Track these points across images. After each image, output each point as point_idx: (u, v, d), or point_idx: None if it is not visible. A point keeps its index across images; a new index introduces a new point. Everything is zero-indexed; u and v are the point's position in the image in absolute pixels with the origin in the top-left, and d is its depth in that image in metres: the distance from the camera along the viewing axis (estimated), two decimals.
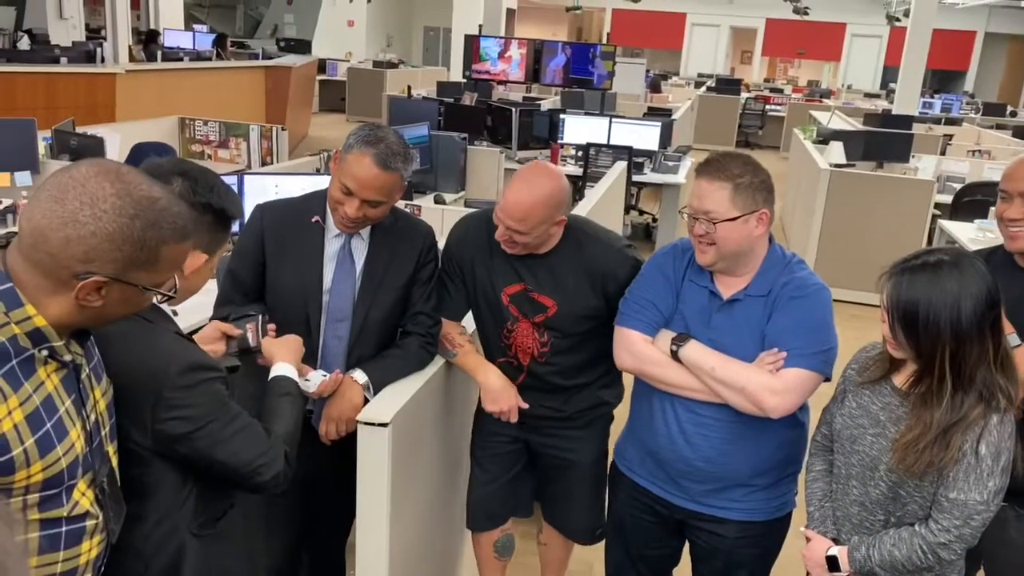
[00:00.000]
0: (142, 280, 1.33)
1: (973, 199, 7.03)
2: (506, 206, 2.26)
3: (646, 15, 27.46)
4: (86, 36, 11.56)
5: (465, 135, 6.43)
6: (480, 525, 2.74)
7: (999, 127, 14.60)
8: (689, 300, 2.20)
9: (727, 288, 2.17)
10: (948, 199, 7.40)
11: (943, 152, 9.91)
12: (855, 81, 27.13)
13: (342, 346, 2.34)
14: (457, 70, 14.62)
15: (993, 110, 18.06)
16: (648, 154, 8.05)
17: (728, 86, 18.66)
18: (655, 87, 16.67)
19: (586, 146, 7.60)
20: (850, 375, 2.08)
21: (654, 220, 9.14)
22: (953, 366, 1.80)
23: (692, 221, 2.14)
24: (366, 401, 2.22)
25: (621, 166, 6.27)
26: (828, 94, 21.03)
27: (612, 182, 5.30)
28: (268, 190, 3.74)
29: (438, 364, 2.43)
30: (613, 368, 2.38)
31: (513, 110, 8.00)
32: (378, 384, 2.25)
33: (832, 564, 2.02)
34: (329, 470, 2.36)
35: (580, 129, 8.16)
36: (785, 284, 2.12)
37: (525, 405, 2.46)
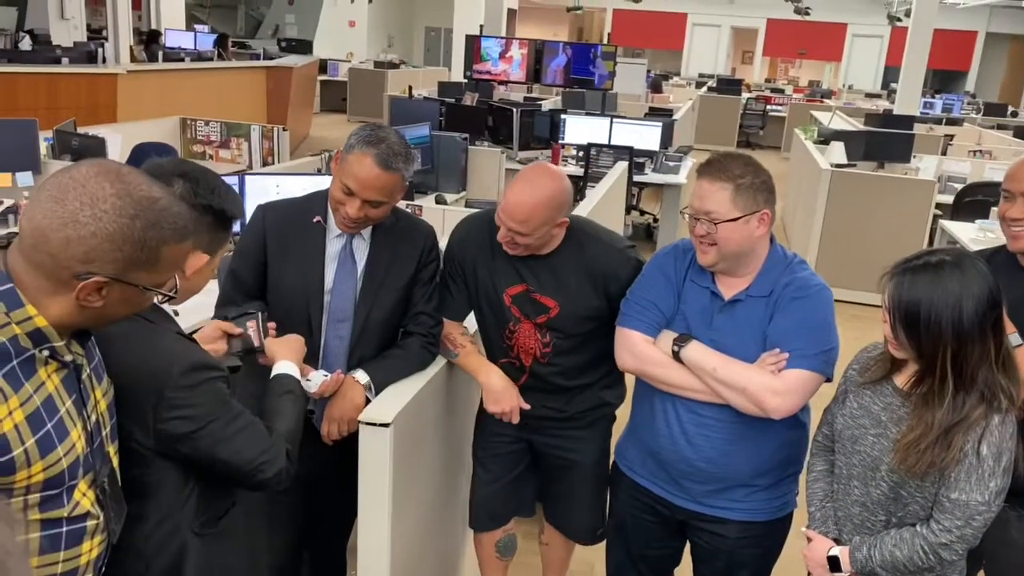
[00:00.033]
0: (142, 280, 1.33)
1: (974, 199, 7.03)
2: (508, 207, 2.25)
3: (647, 15, 27.46)
4: (87, 36, 11.55)
5: (466, 135, 6.43)
6: (482, 525, 2.74)
7: (1000, 127, 14.59)
8: (690, 300, 2.20)
9: (728, 289, 2.17)
10: (949, 199, 7.40)
11: (944, 152, 9.91)
12: (856, 81, 27.12)
13: (343, 346, 2.34)
14: (458, 70, 14.60)
15: (994, 110, 18.05)
16: (649, 154, 8.05)
17: (729, 86, 18.66)
18: (656, 87, 16.68)
19: (587, 146, 7.60)
20: (851, 375, 2.08)
21: (655, 220, 9.14)
22: (955, 366, 1.79)
23: (693, 222, 2.13)
24: (368, 401, 2.22)
25: (622, 166, 6.28)
26: (829, 94, 21.00)
27: (613, 182, 5.30)
28: (269, 190, 3.74)
29: (440, 364, 2.43)
30: (615, 368, 2.37)
31: (514, 110, 8.00)
32: (380, 384, 2.25)
33: (833, 564, 2.02)
34: (330, 470, 2.36)
35: (581, 129, 8.16)
36: (787, 285, 2.12)
37: (527, 406, 2.46)
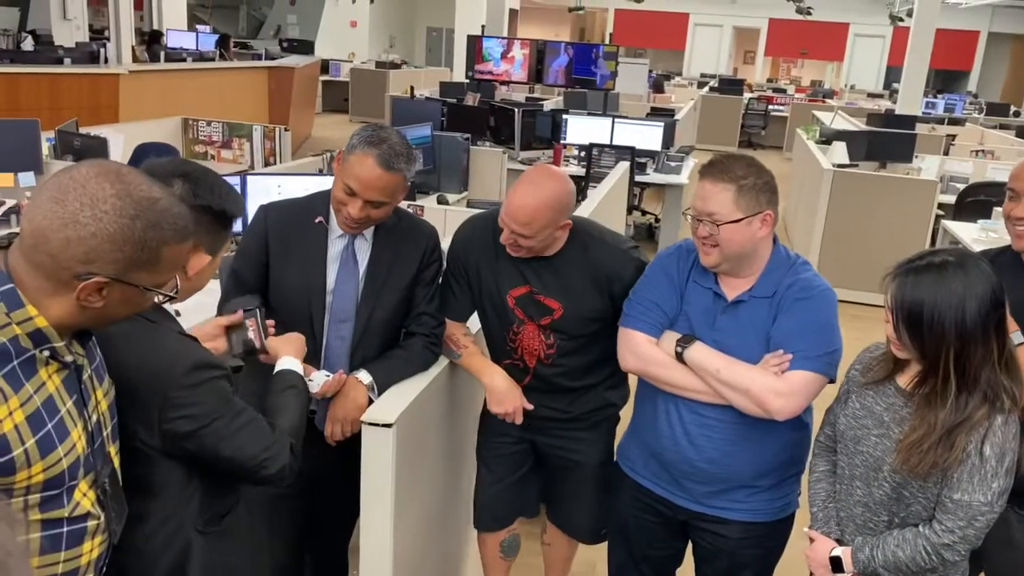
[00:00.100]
0: (143, 281, 1.33)
1: (976, 199, 7.01)
2: (511, 210, 2.25)
3: (649, 15, 27.47)
4: (90, 37, 11.56)
5: (468, 135, 6.43)
6: (487, 526, 2.74)
7: (1002, 127, 14.55)
8: (693, 301, 2.20)
9: (731, 289, 2.16)
10: (951, 199, 7.38)
11: (946, 152, 9.91)
12: (858, 81, 27.09)
13: (345, 347, 2.34)
14: (460, 71, 14.59)
15: (996, 110, 18.03)
16: (651, 154, 8.05)
17: (731, 86, 18.63)
18: (658, 87, 16.68)
19: (589, 146, 7.60)
20: (854, 376, 2.08)
21: (657, 220, 9.14)
22: (958, 367, 1.79)
23: (696, 223, 2.13)
24: (370, 401, 2.22)
25: (624, 166, 6.27)
26: (831, 94, 20.98)
27: (615, 182, 5.29)
28: (271, 190, 3.74)
29: (442, 364, 2.43)
30: (619, 369, 2.36)
31: (516, 110, 8.00)
32: (382, 384, 2.25)
33: (836, 565, 2.01)
34: (333, 470, 2.36)
35: (583, 129, 8.15)
36: (790, 286, 2.12)
37: (530, 406, 2.46)
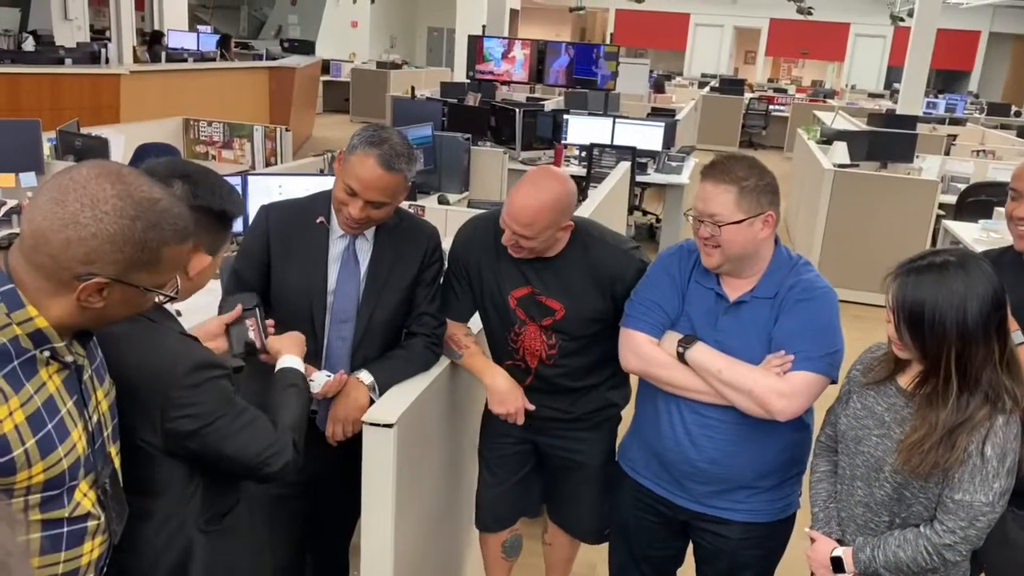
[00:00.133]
0: (143, 281, 1.33)
1: (977, 199, 7.01)
2: (512, 211, 2.24)
3: (649, 15, 27.46)
4: (91, 37, 11.57)
5: (469, 136, 6.43)
6: (488, 526, 2.74)
7: (1003, 127, 14.55)
8: (695, 302, 2.19)
9: (733, 290, 2.16)
10: (952, 199, 7.38)
11: (947, 152, 9.90)
12: (859, 81, 27.07)
13: (346, 347, 2.34)
14: (461, 71, 14.59)
15: (997, 110, 18.03)
16: (652, 154, 8.04)
17: (732, 86, 18.62)
18: (659, 87, 16.68)
19: (590, 146, 7.59)
20: (855, 376, 2.07)
21: (658, 220, 9.14)
22: (959, 367, 1.79)
23: (697, 224, 2.12)
24: (372, 402, 2.22)
25: (625, 166, 6.26)
26: (832, 94, 20.97)
27: (616, 182, 5.29)
28: (272, 191, 3.74)
29: (443, 365, 2.43)
30: (621, 369, 2.36)
31: (517, 111, 8.00)
32: (384, 385, 2.25)
33: (837, 565, 2.01)
34: (334, 470, 2.36)
35: (583, 129, 8.15)
36: (792, 286, 2.12)
37: (531, 407, 2.46)
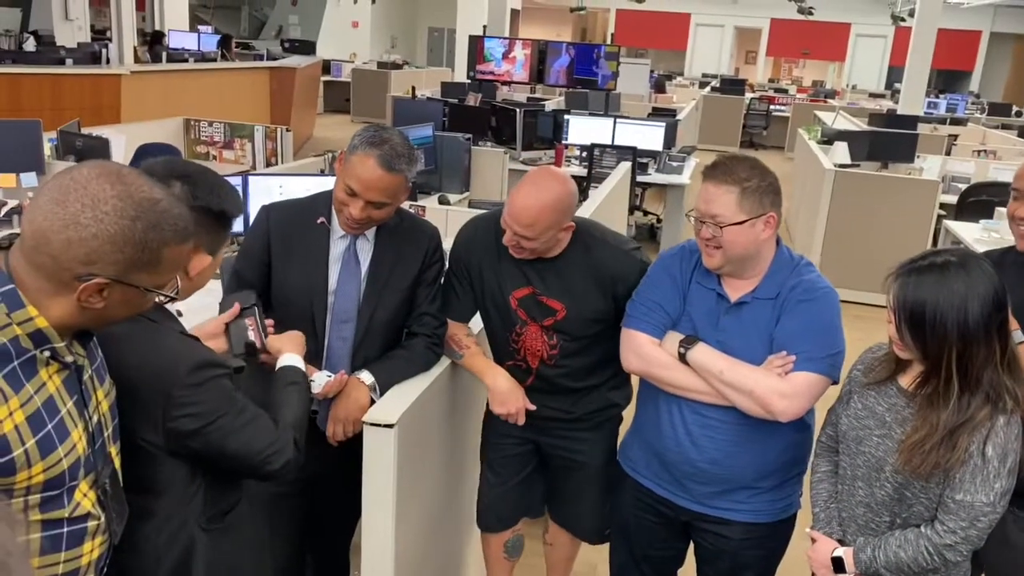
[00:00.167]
0: (144, 282, 1.33)
1: (978, 199, 7.01)
2: (514, 211, 2.24)
3: (650, 15, 27.46)
4: (91, 37, 11.58)
5: (469, 136, 6.43)
6: (491, 527, 2.74)
7: (1004, 127, 14.55)
8: (696, 302, 2.19)
9: (735, 290, 2.16)
10: (953, 199, 7.38)
11: (948, 152, 9.90)
12: (860, 81, 27.07)
13: (347, 347, 2.34)
14: (461, 71, 14.60)
15: (998, 110, 18.02)
16: (652, 154, 8.04)
17: (732, 86, 18.62)
18: (659, 87, 16.68)
19: (590, 147, 7.59)
20: (856, 376, 2.07)
21: (658, 221, 9.14)
22: (960, 367, 1.79)
23: (699, 224, 2.12)
24: (372, 402, 2.22)
25: (625, 166, 6.26)
26: (833, 94, 20.96)
27: (616, 183, 5.29)
28: (273, 191, 3.74)
29: (444, 365, 2.43)
30: (622, 369, 2.36)
31: (517, 111, 8.00)
32: (384, 385, 2.25)
33: (837, 565, 2.01)
34: (334, 470, 2.35)
35: (584, 129, 8.15)
36: (793, 287, 2.11)
37: (532, 407, 2.46)
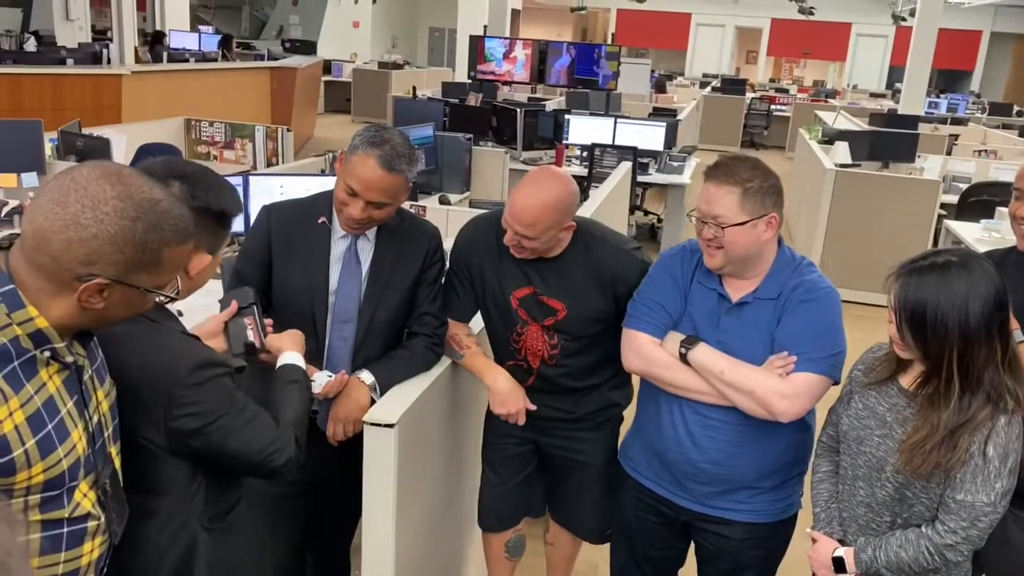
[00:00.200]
0: (144, 282, 1.34)
1: (979, 199, 7.00)
2: (515, 211, 2.24)
3: (651, 15, 27.44)
4: (92, 37, 11.58)
5: (470, 136, 6.43)
6: (492, 527, 2.74)
7: (1005, 127, 14.53)
8: (698, 302, 2.19)
9: (736, 291, 2.16)
10: (954, 199, 7.38)
11: (949, 152, 9.89)
12: (860, 81, 27.05)
13: (348, 347, 2.34)
14: (462, 71, 14.59)
15: (999, 110, 18.01)
16: (653, 154, 8.04)
17: (733, 86, 18.61)
18: (660, 87, 16.67)
19: (591, 146, 7.59)
20: (856, 376, 2.07)
21: (659, 220, 9.14)
22: (961, 367, 1.79)
23: (700, 225, 2.12)
24: (373, 402, 2.22)
25: (626, 166, 6.26)
26: (833, 94, 20.96)
27: (617, 182, 5.29)
28: (273, 191, 3.74)
29: (444, 364, 2.43)
30: (623, 369, 2.36)
31: (518, 111, 8.01)
32: (385, 385, 2.25)
33: (838, 565, 2.01)
34: (335, 470, 2.36)
35: (585, 129, 8.15)
36: (795, 288, 2.11)
37: (533, 407, 2.46)
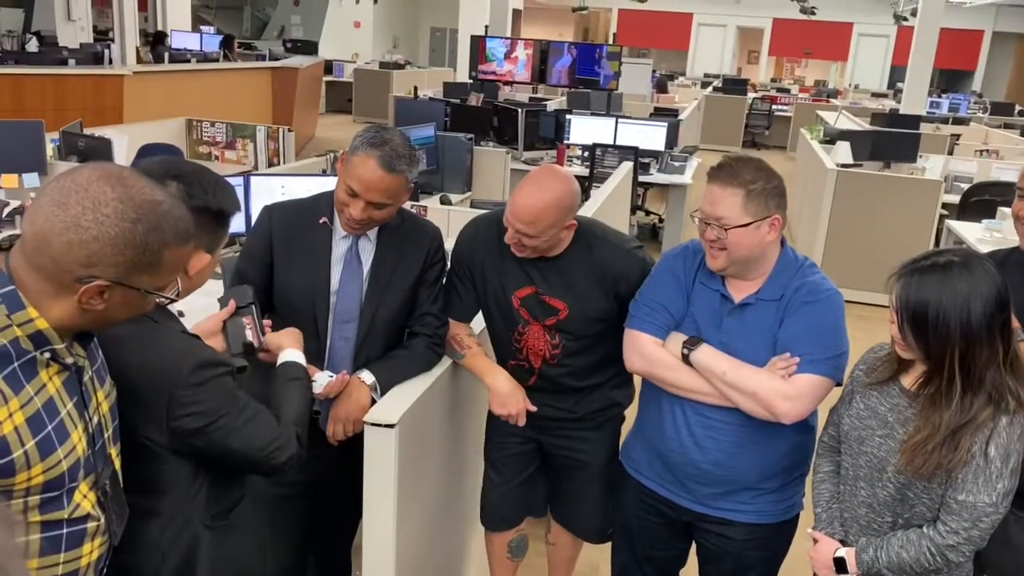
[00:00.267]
0: (144, 283, 1.34)
1: (981, 199, 6.99)
2: (516, 209, 2.24)
3: (652, 15, 27.43)
4: (94, 38, 11.60)
5: (471, 136, 6.43)
6: (494, 526, 2.74)
7: (1007, 126, 14.52)
8: (700, 303, 2.19)
9: (738, 292, 2.15)
10: (955, 199, 7.37)
11: (951, 152, 9.88)
12: (862, 81, 27.03)
13: (349, 347, 2.34)
14: (463, 71, 14.58)
15: (1001, 109, 17.98)
16: (654, 154, 8.05)
17: (735, 86, 18.60)
18: (661, 87, 16.66)
19: (592, 146, 7.59)
20: (858, 376, 2.07)
21: (660, 220, 9.14)
22: (962, 367, 1.79)
23: (703, 226, 2.11)
24: (373, 402, 2.22)
25: (627, 166, 6.27)
26: (835, 94, 20.96)
27: (618, 182, 5.29)
28: (275, 191, 3.74)
29: (445, 364, 2.43)
30: (624, 369, 2.35)
31: (519, 111, 8.01)
32: (385, 385, 2.25)
33: (840, 566, 2.01)
34: (335, 470, 2.36)
35: (586, 129, 8.15)
36: (797, 289, 2.11)
37: (533, 408, 2.45)
